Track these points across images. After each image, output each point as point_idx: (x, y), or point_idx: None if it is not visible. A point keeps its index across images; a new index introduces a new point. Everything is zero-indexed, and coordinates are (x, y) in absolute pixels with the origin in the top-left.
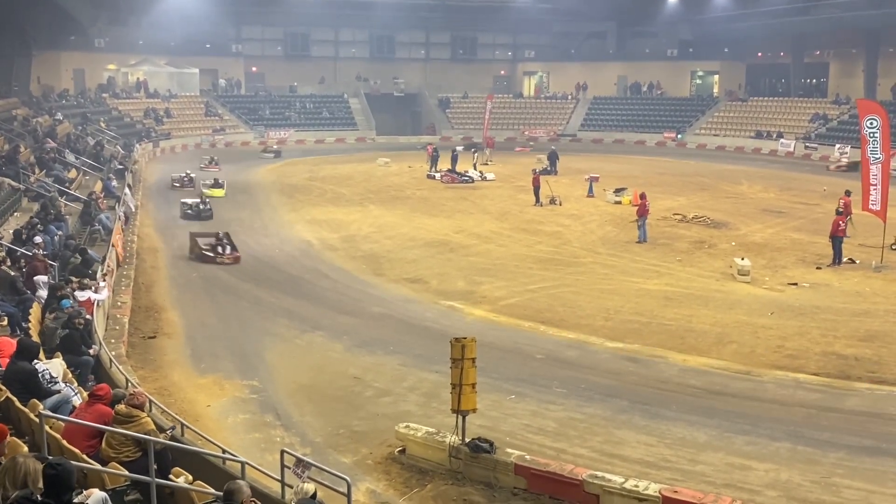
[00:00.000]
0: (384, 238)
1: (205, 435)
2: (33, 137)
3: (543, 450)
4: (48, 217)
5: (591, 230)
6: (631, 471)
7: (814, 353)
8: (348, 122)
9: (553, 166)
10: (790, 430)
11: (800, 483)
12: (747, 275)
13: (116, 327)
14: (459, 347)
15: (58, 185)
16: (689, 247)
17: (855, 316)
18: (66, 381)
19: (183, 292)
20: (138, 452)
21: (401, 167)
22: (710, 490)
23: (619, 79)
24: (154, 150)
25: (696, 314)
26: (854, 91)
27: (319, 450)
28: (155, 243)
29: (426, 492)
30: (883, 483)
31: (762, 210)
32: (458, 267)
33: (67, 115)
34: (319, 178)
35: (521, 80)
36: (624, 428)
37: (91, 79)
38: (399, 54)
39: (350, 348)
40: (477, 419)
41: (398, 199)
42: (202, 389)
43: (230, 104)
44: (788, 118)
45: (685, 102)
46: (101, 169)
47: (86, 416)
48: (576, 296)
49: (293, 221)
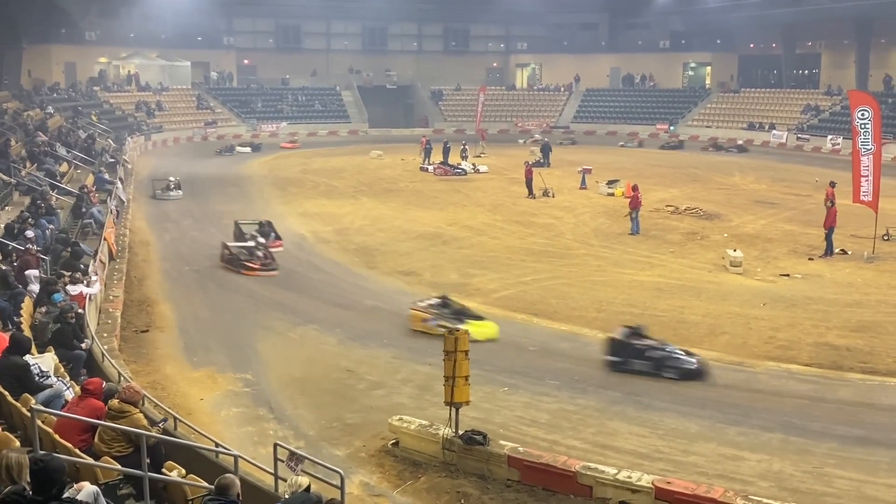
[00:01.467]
0: (377, 231)
1: (198, 429)
2: (24, 131)
3: (537, 441)
4: (39, 211)
5: (583, 222)
6: (624, 462)
7: (806, 344)
8: (341, 114)
9: (546, 158)
10: (782, 421)
11: (792, 473)
12: (739, 266)
13: (109, 321)
14: (452, 340)
15: (49, 179)
16: (682, 238)
17: (847, 307)
18: (58, 376)
19: (175, 286)
20: (130, 448)
21: (394, 160)
22: (703, 481)
23: (612, 70)
24: (146, 144)
25: (689, 305)
26: (846, 82)
27: (313, 443)
28: (147, 237)
29: (420, 484)
30: (874, 473)
31: (754, 201)
32: (451, 259)
33: (58, 108)
34: (312, 171)
35: (513, 72)
36: (616, 419)
37: (82, 72)
38: (391, 46)
39: (343, 341)
40: (470, 411)
41: (391, 192)
42: (195, 383)
43: (222, 97)
44: (780, 109)
45: (677, 94)
46: (93, 162)
47: (78, 410)
48: (568, 288)
49: (286, 214)
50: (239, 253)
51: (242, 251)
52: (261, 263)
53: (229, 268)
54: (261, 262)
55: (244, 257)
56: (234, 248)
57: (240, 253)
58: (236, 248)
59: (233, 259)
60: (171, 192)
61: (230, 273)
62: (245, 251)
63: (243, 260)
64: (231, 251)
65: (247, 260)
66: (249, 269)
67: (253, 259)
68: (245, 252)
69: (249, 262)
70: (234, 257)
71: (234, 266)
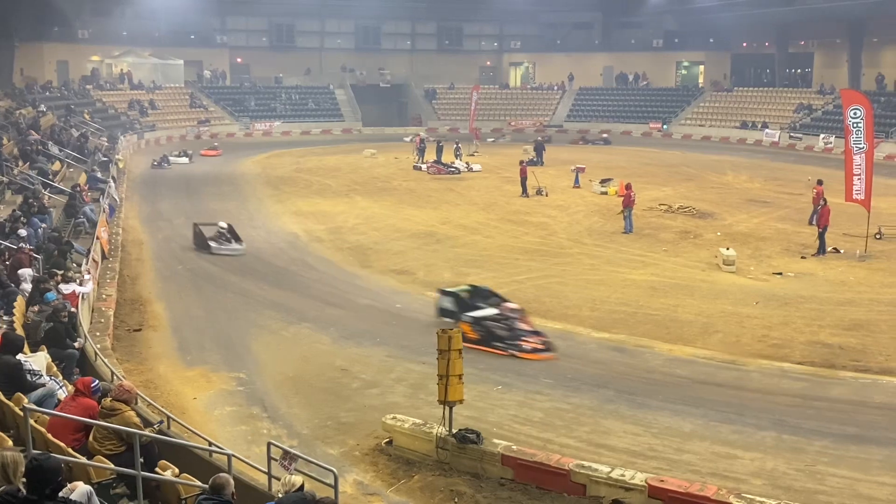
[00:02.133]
0: (371, 229)
1: (191, 428)
2: (16, 129)
3: (530, 440)
4: (32, 210)
5: (577, 221)
6: (617, 460)
7: (799, 343)
8: (334, 113)
9: (539, 157)
10: (775, 419)
11: (785, 471)
12: (732, 264)
13: (101, 320)
14: (446, 338)
15: (41, 178)
16: (675, 237)
17: (839, 305)
18: (50, 375)
19: (168, 284)
20: (122, 446)
21: (387, 158)
22: (696, 479)
23: (605, 69)
24: (139, 142)
25: (682, 304)
26: (838, 81)
27: (306, 442)
28: (140, 235)
29: (413, 483)
30: (867, 471)
31: (747, 200)
32: (445, 258)
33: (51, 106)
34: (306, 170)
35: (507, 70)
36: (610, 418)
37: (75, 70)
38: (385, 45)
39: (337, 340)
40: (464, 410)
41: (385, 191)
42: (188, 382)
43: (215, 95)
44: (773, 108)
45: (671, 93)
46: (86, 161)
47: (71, 409)
48: (562, 286)
49: (279, 213)
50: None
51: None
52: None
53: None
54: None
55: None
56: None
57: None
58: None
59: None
60: (228, 243)
61: (223, 272)
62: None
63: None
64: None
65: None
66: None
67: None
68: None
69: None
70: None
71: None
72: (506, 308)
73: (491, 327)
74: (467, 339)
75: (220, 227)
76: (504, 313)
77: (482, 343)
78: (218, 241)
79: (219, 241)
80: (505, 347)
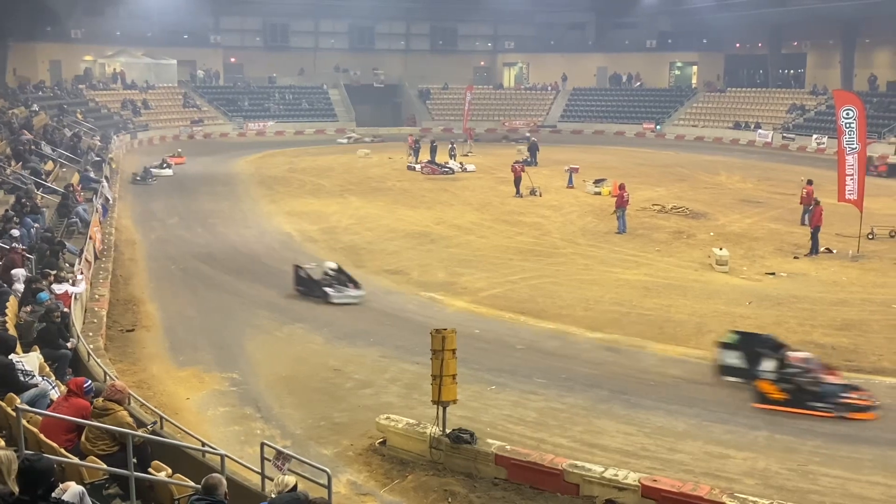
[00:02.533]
0: (364, 230)
1: (184, 428)
2: (9, 129)
3: (524, 440)
4: (24, 209)
5: (570, 221)
6: (610, 460)
7: (791, 342)
8: (328, 113)
9: (533, 157)
10: (768, 419)
11: (777, 471)
12: (725, 265)
13: (94, 320)
14: (440, 338)
15: (34, 178)
16: (668, 237)
17: (832, 305)
18: (43, 375)
19: (161, 284)
20: (115, 447)
21: (381, 158)
22: (689, 478)
23: (599, 70)
24: (132, 142)
25: (675, 304)
26: (831, 82)
27: (300, 442)
28: (133, 235)
29: (407, 483)
30: (858, 470)
31: (740, 200)
32: (439, 258)
33: (44, 106)
34: (299, 170)
35: (501, 71)
36: (604, 417)
37: (67, 70)
38: (379, 45)
39: (330, 340)
40: (458, 410)
41: (378, 191)
42: (181, 382)
43: (208, 95)
44: (766, 109)
45: (664, 93)
46: (79, 161)
47: (63, 409)
48: (556, 286)
49: (273, 213)
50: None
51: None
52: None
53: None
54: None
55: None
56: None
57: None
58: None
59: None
60: (345, 287)
61: (217, 272)
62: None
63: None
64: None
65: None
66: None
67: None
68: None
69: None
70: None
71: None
72: (798, 359)
73: (803, 384)
74: (768, 401)
75: (330, 268)
76: (804, 365)
77: (793, 404)
78: (336, 288)
79: (336, 288)
80: (832, 409)
